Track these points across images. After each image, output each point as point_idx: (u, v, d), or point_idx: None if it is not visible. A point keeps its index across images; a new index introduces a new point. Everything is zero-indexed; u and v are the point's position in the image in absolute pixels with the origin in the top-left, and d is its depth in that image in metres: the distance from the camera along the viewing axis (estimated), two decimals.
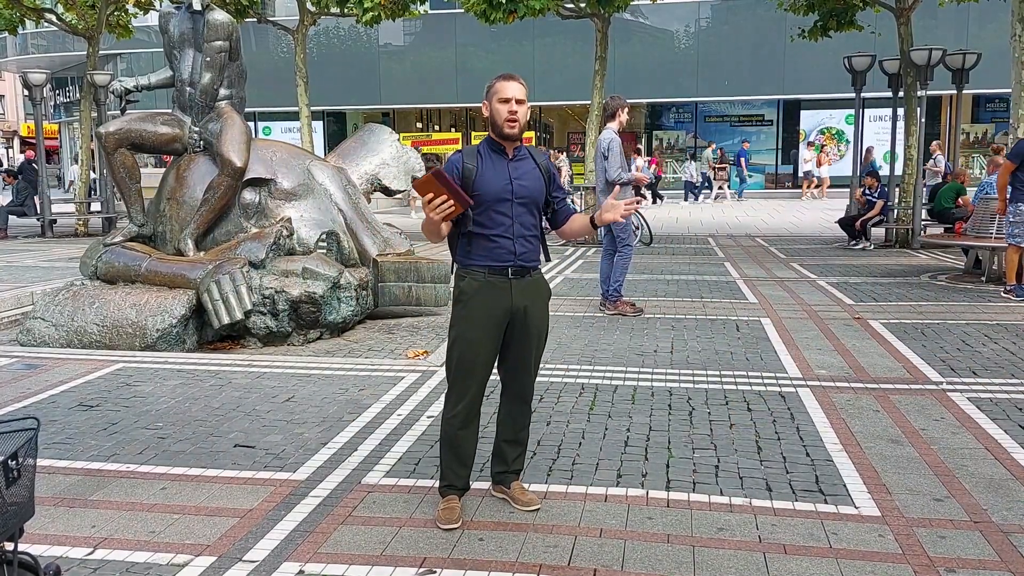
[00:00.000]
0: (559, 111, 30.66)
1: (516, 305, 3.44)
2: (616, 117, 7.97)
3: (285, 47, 27.05)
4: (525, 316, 3.47)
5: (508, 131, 3.38)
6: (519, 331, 3.48)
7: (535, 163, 3.52)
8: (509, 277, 3.42)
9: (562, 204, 3.63)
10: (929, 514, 3.50)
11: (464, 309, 3.43)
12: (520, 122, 3.39)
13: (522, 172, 3.45)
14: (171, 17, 7.85)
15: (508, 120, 3.36)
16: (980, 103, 27.29)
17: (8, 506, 2.24)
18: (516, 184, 3.41)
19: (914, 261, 12.05)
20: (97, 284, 7.26)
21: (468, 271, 3.44)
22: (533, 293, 3.51)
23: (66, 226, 17.37)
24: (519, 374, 3.58)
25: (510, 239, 3.40)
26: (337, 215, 7.87)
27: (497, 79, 3.45)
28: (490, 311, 3.40)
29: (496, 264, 3.41)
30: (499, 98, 3.38)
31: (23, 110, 48.99)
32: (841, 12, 15.19)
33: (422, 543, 3.29)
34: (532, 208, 3.47)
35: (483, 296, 3.40)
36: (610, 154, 7.82)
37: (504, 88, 3.39)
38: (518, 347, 3.52)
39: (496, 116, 3.39)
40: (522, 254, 3.44)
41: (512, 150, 3.47)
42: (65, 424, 4.81)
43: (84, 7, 17.25)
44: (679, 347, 6.58)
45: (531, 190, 3.45)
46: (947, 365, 5.91)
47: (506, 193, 3.39)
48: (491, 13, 14.27)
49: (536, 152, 3.58)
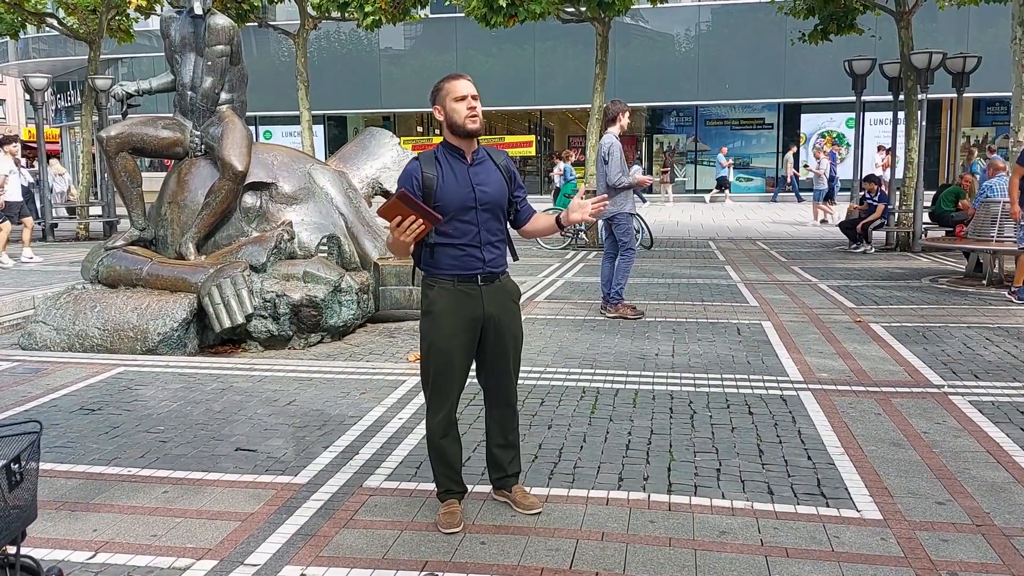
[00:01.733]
0: (559, 115, 30.70)
1: (488, 312, 3.39)
2: (617, 121, 7.98)
3: (286, 51, 27.09)
4: (498, 321, 3.43)
5: (471, 127, 3.31)
6: (494, 337, 3.44)
7: (495, 164, 3.45)
8: (479, 284, 3.37)
9: (524, 204, 3.57)
10: (931, 517, 3.49)
11: (435, 320, 3.36)
12: (480, 117, 3.33)
13: (483, 177, 3.38)
14: (172, 21, 7.86)
15: (469, 116, 3.30)
16: (980, 106, 27.31)
17: (11, 510, 2.24)
18: (479, 191, 3.34)
19: (915, 264, 12.05)
20: (98, 288, 7.26)
21: (436, 280, 3.37)
22: (503, 297, 3.46)
23: (67, 230, 17.38)
24: (500, 380, 3.54)
25: (477, 247, 3.35)
26: (338, 219, 7.88)
27: (444, 81, 3.37)
28: (462, 320, 3.35)
29: (465, 272, 3.35)
30: (454, 97, 3.31)
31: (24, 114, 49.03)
32: (841, 16, 15.21)
33: (424, 547, 3.29)
34: (497, 212, 3.42)
35: (453, 305, 3.34)
36: (610, 158, 7.83)
37: (457, 87, 3.32)
38: (495, 353, 3.48)
39: (455, 115, 3.31)
40: (491, 260, 3.39)
41: (471, 154, 3.39)
42: (67, 428, 4.81)
43: (85, 11, 17.29)
44: (680, 350, 6.58)
45: (494, 195, 3.39)
46: (948, 368, 5.91)
47: (469, 201, 3.32)
48: (492, 17, 14.28)
49: (494, 152, 3.51)
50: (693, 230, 18.17)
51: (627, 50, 26.39)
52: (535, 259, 12.93)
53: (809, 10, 15.28)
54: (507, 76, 27.79)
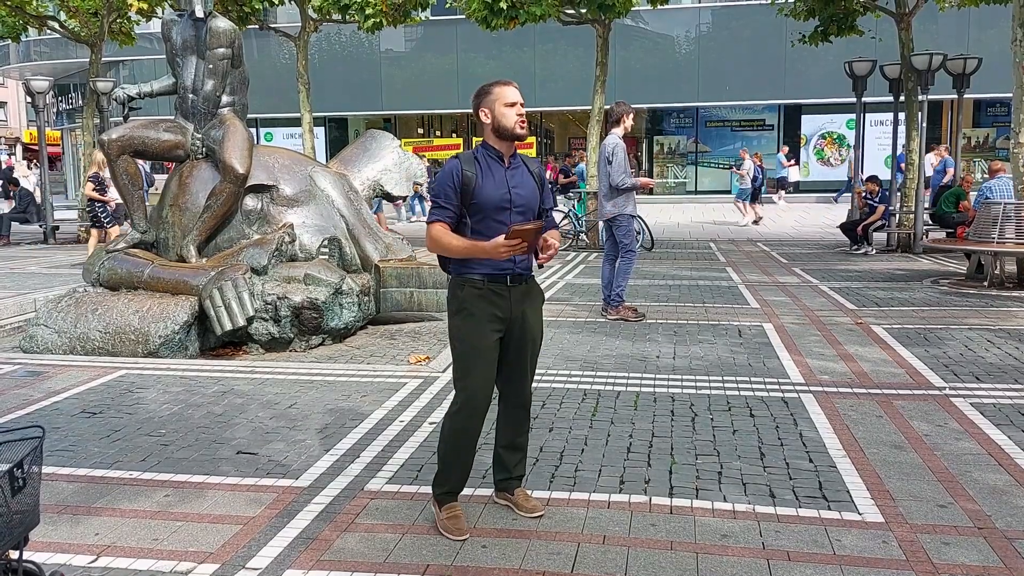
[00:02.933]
0: (560, 116, 30.69)
1: (515, 312, 3.45)
2: (621, 123, 7.97)
3: (287, 54, 27.09)
4: (523, 322, 3.49)
5: (520, 131, 3.43)
6: (517, 338, 3.49)
7: (529, 171, 3.55)
8: (508, 284, 3.44)
9: (549, 217, 3.66)
10: (933, 520, 3.49)
11: (467, 319, 3.42)
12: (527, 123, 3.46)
13: (519, 180, 3.48)
14: (174, 24, 7.87)
15: (519, 122, 3.43)
16: (981, 107, 27.28)
17: (14, 515, 2.25)
18: (514, 192, 3.44)
19: (916, 266, 12.04)
20: (100, 291, 7.26)
21: (466, 279, 3.43)
22: (530, 299, 3.53)
23: (68, 233, 17.39)
24: (519, 381, 3.58)
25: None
26: (339, 221, 7.88)
27: (494, 86, 3.49)
28: (491, 319, 3.41)
29: (495, 272, 3.42)
30: (504, 103, 3.43)
31: (26, 117, 49.07)
32: (841, 17, 15.21)
33: (425, 550, 3.29)
34: (528, 216, 3.49)
35: (484, 304, 3.41)
36: (614, 159, 7.81)
37: (508, 93, 3.45)
38: (516, 354, 3.52)
39: (504, 120, 3.42)
40: (520, 262, 3.45)
41: (508, 157, 3.49)
42: (68, 431, 4.82)
43: (87, 15, 17.31)
44: (681, 352, 6.58)
45: (527, 198, 3.48)
46: (950, 370, 5.91)
47: (505, 202, 3.41)
48: (492, 19, 14.29)
49: (529, 160, 3.62)
50: (694, 231, 18.17)
51: (627, 52, 26.39)
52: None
53: (809, 12, 15.28)
54: (508, 78, 27.68)
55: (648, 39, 27.61)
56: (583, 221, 15.03)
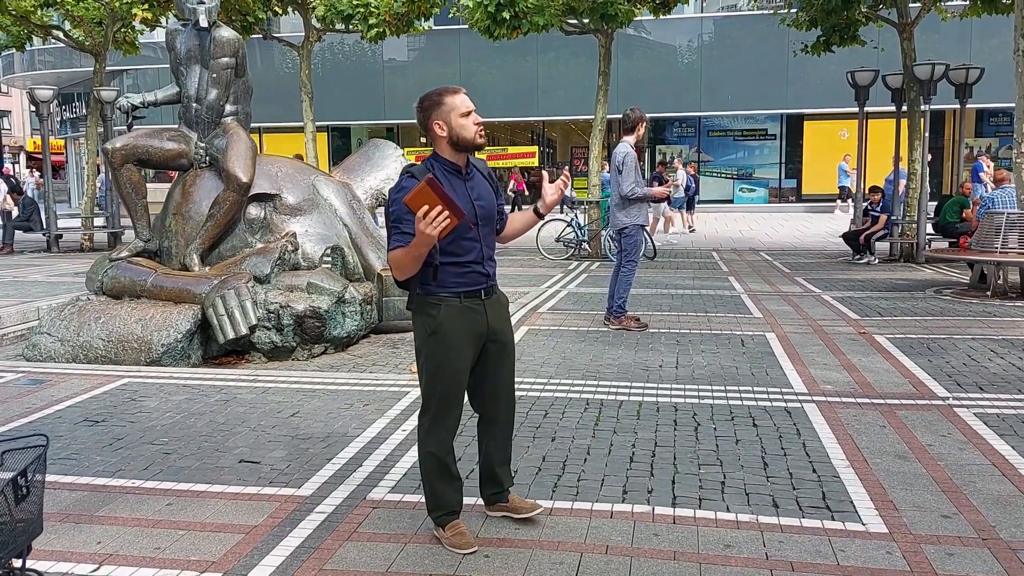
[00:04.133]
0: (562, 126, 30.77)
1: (491, 325, 3.36)
2: (635, 131, 7.84)
3: (290, 63, 27.21)
4: (499, 333, 3.40)
5: (480, 141, 3.27)
6: (495, 350, 3.40)
7: (483, 175, 3.41)
8: (482, 299, 3.35)
9: (504, 212, 3.54)
10: (937, 531, 3.48)
11: (443, 339, 3.27)
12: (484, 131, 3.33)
13: (479, 191, 3.34)
14: (178, 34, 7.90)
15: (479, 132, 3.27)
16: (984, 117, 27.34)
17: (17, 523, 2.25)
18: (477, 206, 3.29)
19: (919, 275, 12.03)
20: (103, 299, 7.28)
21: (440, 299, 3.27)
22: (500, 309, 3.44)
23: (72, 241, 17.43)
24: (501, 394, 3.49)
25: (480, 263, 3.32)
26: (342, 230, 7.89)
27: (444, 95, 3.26)
28: (468, 336, 3.30)
29: (471, 288, 3.31)
30: (461, 112, 3.24)
31: (30, 126, 49.25)
32: (844, 27, 15.23)
33: (427, 560, 3.28)
34: (492, 225, 3.41)
35: (461, 322, 3.28)
36: (624, 168, 7.71)
37: (463, 102, 3.26)
38: (496, 367, 3.43)
39: (463, 131, 3.23)
40: (492, 273, 3.38)
41: (464, 168, 3.33)
42: (71, 439, 4.82)
43: (91, 24, 17.38)
44: (684, 362, 6.58)
45: (488, 208, 3.35)
46: (953, 380, 5.90)
47: (472, 218, 3.26)
48: (495, 29, 14.34)
49: (478, 161, 3.44)
50: (696, 240, 18.17)
51: (630, 61, 26.48)
52: (538, 269, 12.92)
53: (811, 22, 15.31)
54: (510, 88, 27.88)
55: (650, 49, 27.71)
56: (586, 231, 15.04)
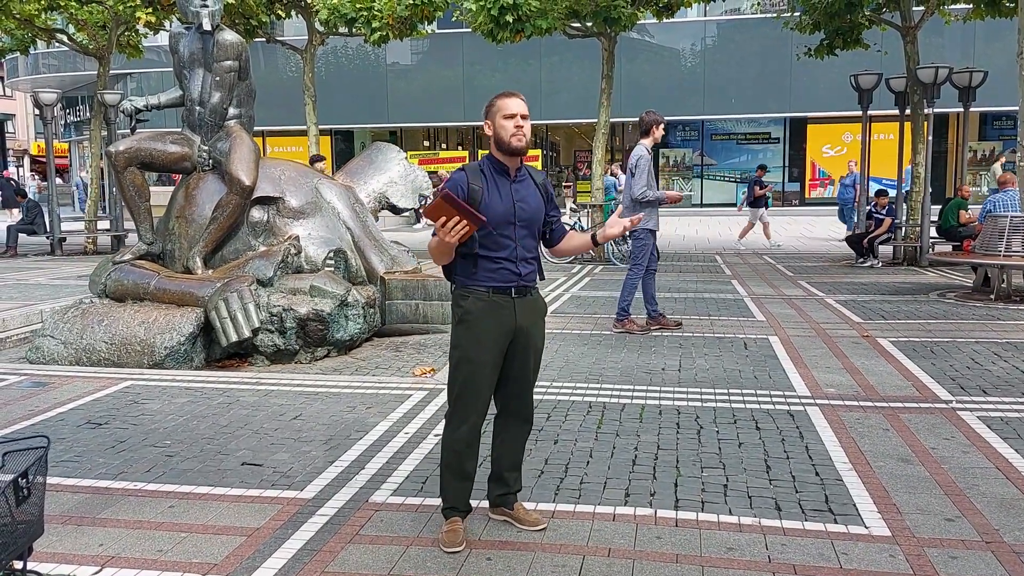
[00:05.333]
0: (565, 129, 30.78)
1: (519, 324, 3.44)
2: (651, 133, 7.86)
3: (294, 67, 27.25)
4: (527, 335, 3.47)
5: (516, 144, 3.37)
6: (521, 350, 3.48)
7: (534, 183, 3.54)
8: (512, 296, 3.42)
9: (558, 224, 3.66)
10: (940, 534, 3.47)
11: (469, 329, 3.40)
12: (527, 136, 3.41)
13: (524, 194, 3.46)
14: (181, 37, 7.92)
15: (515, 135, 3.37)
16: (987, 121, 27.31)
17: (18, 524, 2.25)
18: (519, 207, 3.41)
19: (922, 279, 12.01)
20: (106, 302, 7.28)
21: (470, 291, 3.42)
22: (534, 312, 3.52)
23: (75, 244, 17.46)
24: (522, 394, 3.56)
25: (513, 261, 3.41)
26: (345, 233, 7.90)
27: (498, 97, 3.46)
28: (494, 330, 3.39)
29: (500, 284, 3.41)
30: (504, 115, 3.39)
31: (34, 129, 49.38)
32: (847, 31, 15.23)
33: (429, 562, 3.28)
34: (534, 230, 3.49)
35: (487, 315, 3.39)
36: (637, 171, 7.70)
37: (508, 105, 3.40)
38: (520, 366, 3.50)
39: (502, 132, 3.38)
40: (525, 274, 3.45)
41: (514, 170, 3.46)
42: (73, 442, 4.82)
43: (95, 27, 17.42)
44: (687, 365, 6.57)
45: (532, 212, 3.46)
46: (956, 383, 5.88)
47: (510, 216, 3.39)
48: (498, 32, 14.34)
49: (534, 171, 3.59)
50: (699, 244, 18.16)
51: (633, 65, 26.49)
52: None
53: (815, 25, 15.31)
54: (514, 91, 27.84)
55: (654, 52, 27.71)
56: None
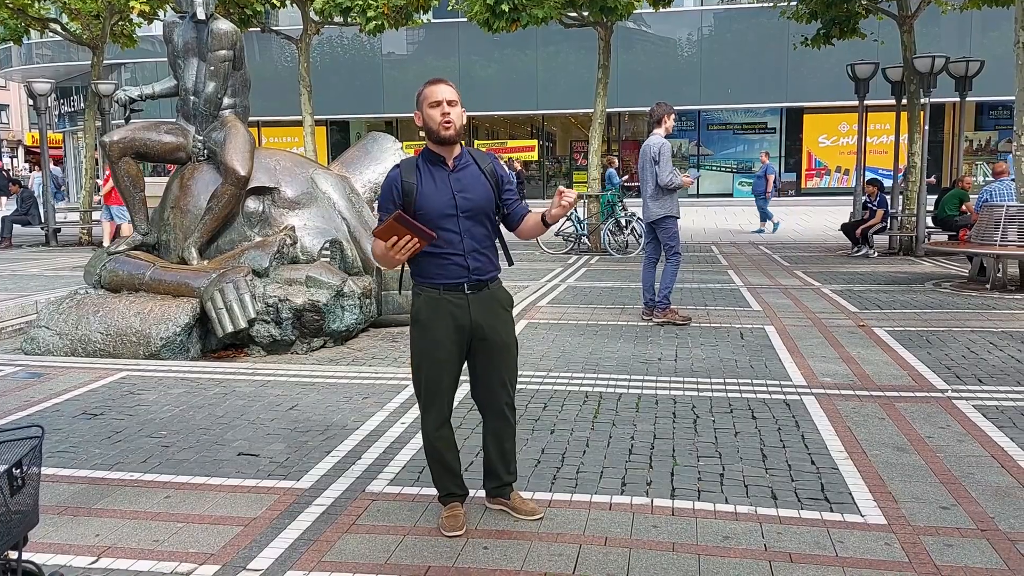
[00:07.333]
0: (562, 119, 30.71)
1: (475, 321, 3.33)
2: (663, 123, 7.90)
3: (289, 56, 27.15)
4: (487, 330, 3.36)
5: (444, 133, 3.26)
6: (483, 347, 3.39)
7: (480, 169, 3.38)
8: (465, 293, 3.32)
9: (515, 205, 3.48)
10: (936, 522, 3.48)
11: (422, 330, 3.34)
12: (455, 124, 3.27)
13: (466, 183, 3.31)
14: (175, 27, 7.87)
15: (443, 123, 3.25)
16: (983, 110, 27.30)
17: (12, 514, 2.24)
18: (460, 198, 3.27)
19: (918, 268, 12.03)
20: (101, 293, 7.26)
21: (423, 289, 3.35)
22: (493, 305, 3.39)
23: (70, 235, 17.41)
24: (493, 389, 3.47)
25: (461, 255, 3.29)
26: (341, 223, 7.88)
27: (425, 85, 3.33)
28: (447, 328, 3.31)
29: (450, 281, 3.31)
30: (430, 103, 3.27)
31: (28, 119, 49.18)
32: (844, 20, 15.21)
33: (426, 552, 3.28)
34: (482, 219, 3.34)
35: (439, 314, 3.30)
36: (661, 159, 7.75)
37: (433, 92, 3.29)
38: (485, 363, 3.42)
39: (430, 122, 3.28)
40: (476, 269, 3.32)
41: (452, 160, 3.33)
42: (69, 432, 4.81)
43: (89, 17, 17.32)
44: (683, 355, 6.57)
45: (476, 201, 3.31)
46: (952, 373, 5.90)
47: (449, 208, 3.26)
48: (494, 22, 14.30)
49: (480, 156, 3.43)
50: (695, 234, 18.16)
51: (629, 55, 26.42)
52: (538, 263, 12.92)
53: (812, 14, 15.29)
54: (509, 81, 27.83)
55: (650, 42, 27.65)
56: (585, 225, 15.02)
